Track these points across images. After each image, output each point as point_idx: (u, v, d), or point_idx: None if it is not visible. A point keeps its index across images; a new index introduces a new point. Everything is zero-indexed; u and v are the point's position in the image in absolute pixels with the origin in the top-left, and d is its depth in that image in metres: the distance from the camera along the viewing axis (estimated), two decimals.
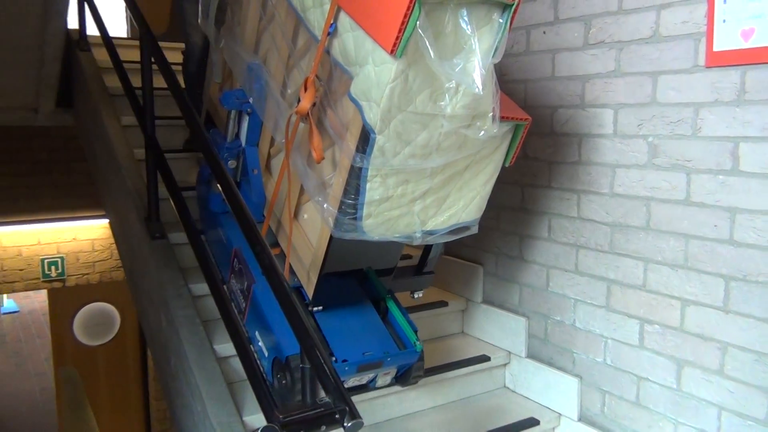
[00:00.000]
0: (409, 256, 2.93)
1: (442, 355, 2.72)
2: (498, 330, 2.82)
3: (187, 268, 2.57)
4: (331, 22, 1.68)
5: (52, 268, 5.85)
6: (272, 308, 1.89)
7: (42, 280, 5.90)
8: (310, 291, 2.04)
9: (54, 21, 3.31)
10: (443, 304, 2.92)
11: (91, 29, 3.45)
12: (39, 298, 10.22)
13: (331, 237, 1.86)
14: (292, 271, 2.11)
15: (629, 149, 2.24)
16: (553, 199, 2.54)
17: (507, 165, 1.93)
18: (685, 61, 2.06)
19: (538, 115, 2.56)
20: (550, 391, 2.59)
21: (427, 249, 2.33)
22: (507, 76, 2.68)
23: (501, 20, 1.57)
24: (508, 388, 2.79)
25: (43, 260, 5.82)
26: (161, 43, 2.61)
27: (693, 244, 2.08)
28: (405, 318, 2.21)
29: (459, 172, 1.82)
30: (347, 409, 1.47)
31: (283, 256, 2.11)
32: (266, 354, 2.08)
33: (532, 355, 2.69)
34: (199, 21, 2.55)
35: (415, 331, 2.17)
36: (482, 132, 1.70)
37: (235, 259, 2.26)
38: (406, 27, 1.43)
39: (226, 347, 2.25)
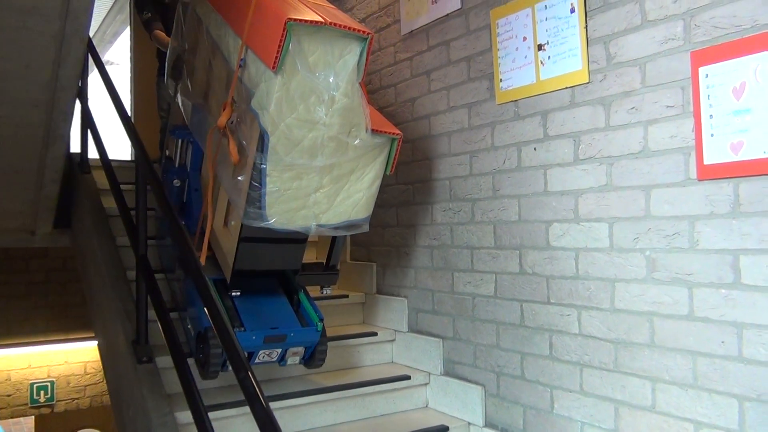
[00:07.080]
0: (322, 263, 3.14)
1: None
2: None
3: (173, 394, 2.45)
4: (242, 57, 2.18)
5: (41, 392, 5.67)
6: (196, 295, 2.22)
7: (30, 406, 5.71)
8: (228, 275, 2.47)
9: (55, 146, 3.36)
10: (444, 428, 2.76)
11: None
12: (28, 424, 9.83)
13: (242, 227, 2.31)
14: (216, 265, 2.58)
15: (627, 263, 2.19)
16: (553, 316, 2.46)
17: (388, 173, 2.40)
18: (676, 175, 2.05)
19: (533, 229, 2.54)
20: None
21: (331, 248, 2.71)
22: (500, 191, 2.68)
23: (359, 48, 2.13)
24: None
25: (32, 385, 5.66)
26: None
27: (701, 361, 1.98)
28: (312, 306, 2.64)
29: (345, 174, 2.26)
30: None
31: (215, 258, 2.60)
32: (193, 334, 2.52)
33: None
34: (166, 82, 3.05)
35: (321, 319, 2.58)
36: (358, 140, 2.20)
37: (177, 263, 2.80)
38: (282, 49, 1.99)
39: None
